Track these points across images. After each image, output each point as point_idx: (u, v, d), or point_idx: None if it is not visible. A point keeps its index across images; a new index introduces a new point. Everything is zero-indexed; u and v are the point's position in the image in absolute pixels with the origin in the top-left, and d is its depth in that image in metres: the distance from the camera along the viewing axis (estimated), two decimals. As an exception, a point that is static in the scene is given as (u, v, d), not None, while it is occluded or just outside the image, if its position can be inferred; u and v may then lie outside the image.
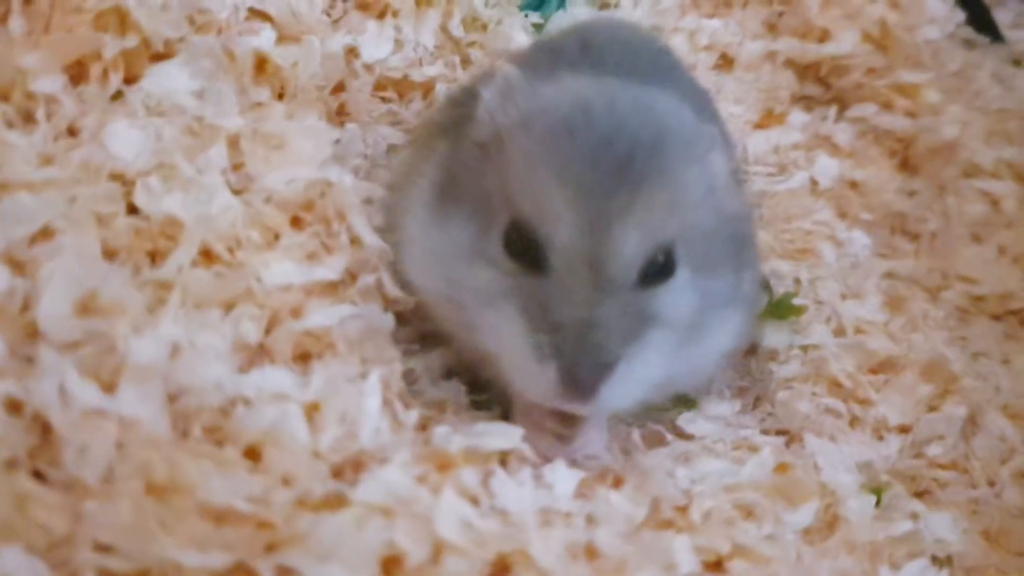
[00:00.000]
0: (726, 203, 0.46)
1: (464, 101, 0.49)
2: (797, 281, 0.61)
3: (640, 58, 0.52)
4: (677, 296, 0.42)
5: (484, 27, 0.61)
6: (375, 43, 0.55)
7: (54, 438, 0.36)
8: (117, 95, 0.46)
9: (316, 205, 0.47)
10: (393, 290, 0.47)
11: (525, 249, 0.41)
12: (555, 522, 0.40)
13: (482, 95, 0.45)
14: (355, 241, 0.46)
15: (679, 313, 0.42)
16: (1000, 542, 0.51)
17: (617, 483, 0.43)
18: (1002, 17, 0.89)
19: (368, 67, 0.55)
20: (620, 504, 0.42)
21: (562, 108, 0.43)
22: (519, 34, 0.62)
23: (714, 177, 0.45)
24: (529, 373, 0.41)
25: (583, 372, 0.40)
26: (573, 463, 0.44)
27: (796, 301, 0.59)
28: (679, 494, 0.43)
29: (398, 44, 0.56)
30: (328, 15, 0.54)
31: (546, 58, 0.51)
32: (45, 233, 0.40)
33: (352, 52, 0.54)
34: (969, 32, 0.86)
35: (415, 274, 0.46)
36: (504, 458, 0.42)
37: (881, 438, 0.53)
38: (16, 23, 0.43)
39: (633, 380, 0.41)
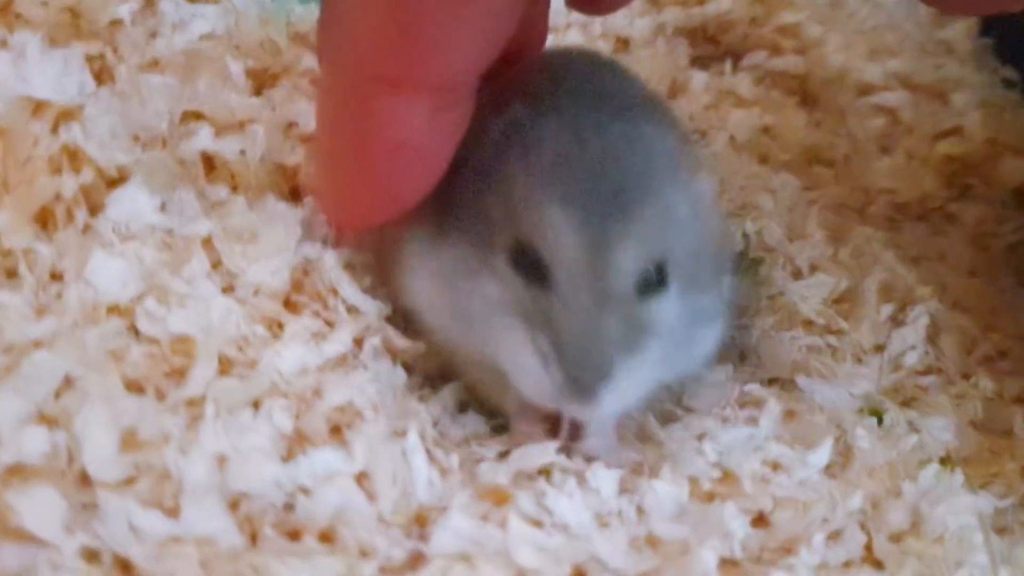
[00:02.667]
0: (710, 222, 0.49)
1: None
2: (745, 235, 0.65)
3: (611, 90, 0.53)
4: (668, 308, 0.45)
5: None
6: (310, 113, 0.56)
7: (138, 575, 0.38)
8: (86, 228, 0.46)
9: (304, 285, 0.49)
10: (400, 342, 0.49)
11: (529, 266, 0.44)
12: (611, 522, 0.44)
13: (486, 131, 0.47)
14: (351, 310, 0.48)
15: (671, 323, 0.45)
16: (987, 427, 0.56)
17: (654, 472, 0.46)
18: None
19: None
20: (663, 489, 0.45)
21: (559, 141, 0.46)
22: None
23: (699, 198, 0.48)
24: (535, 377, 0.44)
25: (586, 376, 0.42)
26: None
27: (753, 256, 0.63)
28: (711, 468, 0.46)
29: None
30: (260, 95, 0.55)
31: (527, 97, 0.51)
32: (67, 383, 0.41)
33: (292, 125, 0.55)
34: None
35: (420, 296, 0.49)
36: (547, 475, 0.45)
37: (861, 361, 0.57)
38: (-26, 187, 0.44)
39: (631, 386, 0.44)
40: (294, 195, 0.53)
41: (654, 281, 0.45)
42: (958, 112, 0.82)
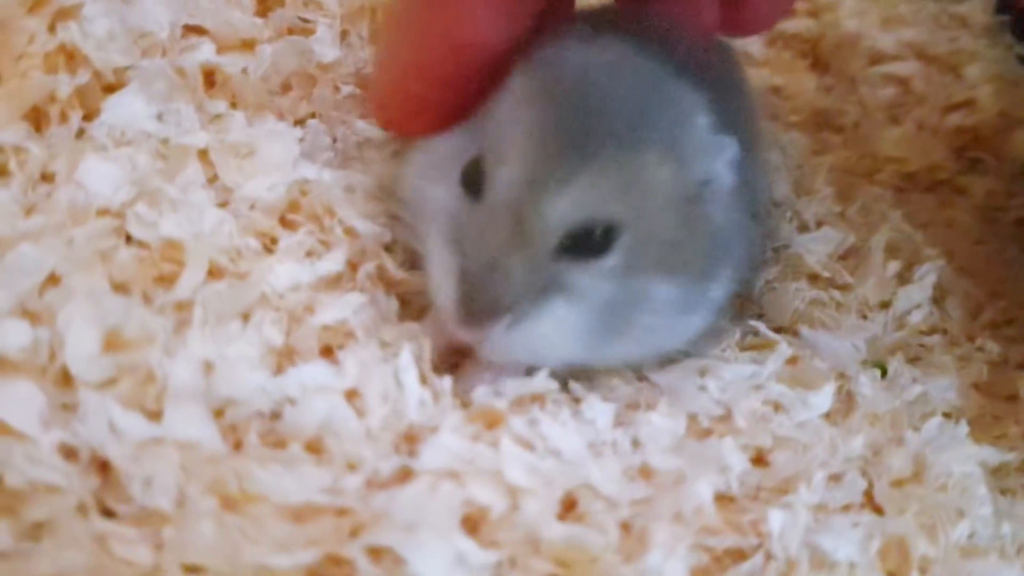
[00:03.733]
0: (715, 212, 0.44)
1: None
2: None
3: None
4: (600, 278, 0.42)
5: None
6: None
7: (116, 475, 0.36)
8: (80, 132, 0.45)
9: (301, 204, 0.47)
10: (396, 273, 0.47)
11: (475, 181, 0.42)
12: (605, 452, 0.42)
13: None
14: (348, 232, 0.47)
15: (603, 295, 0.42)
16: (991, 390, 0.55)
17: (651, 406, 0.45)
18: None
19: (324, 66, 0.54)
20: (660, 423, 0.44)
21: (566, 71, 0.43)
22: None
23: (699, 187, 0.44)
24: (441, 294, 0.42)
25: (473, 306, 0.41)
26: None
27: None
28: (712, 404, 0.45)
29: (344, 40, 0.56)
30: (265, 17, 0.54)
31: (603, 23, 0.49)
32: (52, 280, 0.40)
33: (304, 54, 0.54)
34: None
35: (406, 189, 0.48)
36: (540, 405, 0.44)
37: (866, 317, 0.56)
38: (-34, 79, 0.42)
39: (529, 338, 0.41)
40: (294, 120, 0.52)
41: (593, 243, 0.41)
42: (970, 84, 0.80)
